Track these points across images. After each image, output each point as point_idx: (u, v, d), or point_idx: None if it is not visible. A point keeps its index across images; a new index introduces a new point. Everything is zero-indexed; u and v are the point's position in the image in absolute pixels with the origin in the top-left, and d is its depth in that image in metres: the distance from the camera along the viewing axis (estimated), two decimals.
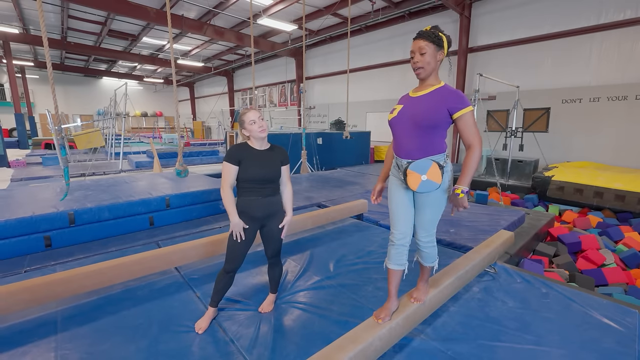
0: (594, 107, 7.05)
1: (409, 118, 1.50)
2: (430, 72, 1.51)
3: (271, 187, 1.80)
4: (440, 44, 1.48)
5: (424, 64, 1.48)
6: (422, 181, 1.45)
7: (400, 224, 1.58)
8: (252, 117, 1.75)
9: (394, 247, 1.60)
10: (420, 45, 1.47)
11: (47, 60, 3.08)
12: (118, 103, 9.67)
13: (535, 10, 7.62)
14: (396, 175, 1.61)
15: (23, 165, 8.27)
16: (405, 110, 1.53)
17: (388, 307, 1.57)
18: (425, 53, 1.47)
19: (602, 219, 4.87)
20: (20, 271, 2.42)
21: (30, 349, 1.60)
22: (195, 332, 1.74)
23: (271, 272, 1.97)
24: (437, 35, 1.47)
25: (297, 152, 7.13)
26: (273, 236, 1.86)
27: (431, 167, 1.45)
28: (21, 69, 16.84)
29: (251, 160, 1.76)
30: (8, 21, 11.45)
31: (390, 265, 1.61)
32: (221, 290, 1.82)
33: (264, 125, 1.77)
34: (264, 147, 1.81)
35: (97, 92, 22.36)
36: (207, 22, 10.76)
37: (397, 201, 1.60)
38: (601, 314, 1.97)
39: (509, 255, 2.96)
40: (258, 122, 1.76)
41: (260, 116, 1.78)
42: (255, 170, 1.76)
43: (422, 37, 1.47)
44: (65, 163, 3.26)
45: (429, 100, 1.48)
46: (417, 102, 1.51)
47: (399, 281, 1.63)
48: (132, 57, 15.23)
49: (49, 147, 12.20)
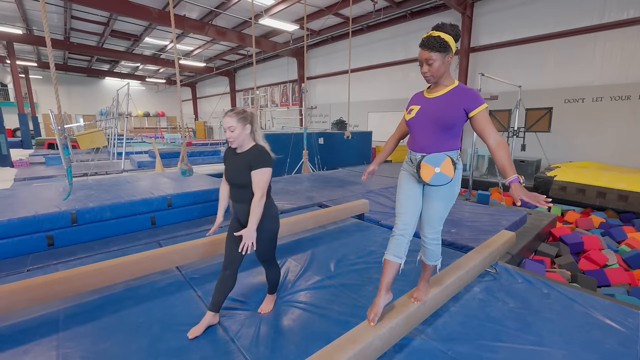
0: (597, 106, 7.01)
1: (428, 118, 1.51)
2: (441, 77, 1.51)
3: (241, 193, 1.71)
4: (447, 49, 1.46)
5: (434, 73, 1.48)
6: (435, 173, 1.48)
7: (406, 215, 1.59)
8: (225, 124, 1.67)
9: (394, 237, 1.60)
10: (427, 57, 1.46)
11: (50, 61, 3.09)
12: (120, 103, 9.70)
13: (537, 10, 7.59)
14: (408, 169, 1.63)
15: (26, 165, 8.31)
16: (424, 111, 1.54)
17: (377, 303, 1.53)
18: (432, 63, 1.46)
19: (604, 220, 4.85)
20: (22, 270, 2.43)
21: (32, 348, 1.61)
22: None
23: (266, 274, 1.95)
24: (442, 42, 1.44)
25: (299, 152, 7.13)
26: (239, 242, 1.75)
27: (445, 161, 1.48)
28: (24, 69, 16.96)
29: (228, 162, 1.75)
30: (12, 22, 11.52)
31: (388, 255, 1.59)
32: (218, 289, 1.75)
33: (233, 137, 1.66)
34: (242, 150, 1.73)
35: (99, 92, 22.46)
36: (209, 23, 10.78)
37: (406, 192, 1.61)
38: (603, 315, 1.96)
39: (510, 256, 2.95)
40: (228, 132, 1.66)
41: (231, 127, 1.65)
42: (227, 173, 1.75)
43: (428, 48, 1.45)
44: (68, 163, 3.27)
45: (446, 100, 1.50)
46: (435, 103, 1.52)
47: (392, 276, 1.59)
48: (135, 58, 15.29)
49: (52, 147, 12.26)
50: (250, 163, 1.66)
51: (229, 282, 1.77)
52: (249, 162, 1.67)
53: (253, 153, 1.70)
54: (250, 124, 1.71)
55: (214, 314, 1.77)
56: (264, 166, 1.66)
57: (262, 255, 1.83)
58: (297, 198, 4.56)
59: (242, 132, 1.68)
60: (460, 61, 8.83)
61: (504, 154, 1.46)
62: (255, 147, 1.72)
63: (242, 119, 1.68)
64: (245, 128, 1.69)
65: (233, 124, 1.66)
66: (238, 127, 1.66)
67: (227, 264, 1.77)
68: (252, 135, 1.76)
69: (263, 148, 1.73)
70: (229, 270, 1.76)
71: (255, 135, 1.77)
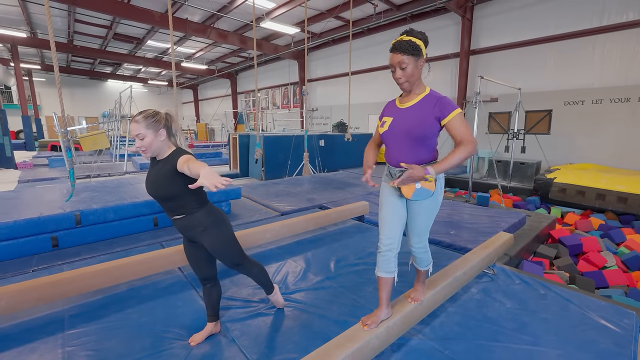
0: (596, 109, 7.04)
1: (401, 132, 1.48)
2: (415, 83, 1.48)
3: (174, 206, 1.47)
4: (419, 53, 1.42)
5: (408, 78, 1.45)
6: (417, 189, 1.46)
7: (390, 230, 1.57)
8: (132, 132, 1.40)
9: (381, 254, 1.58)
10: (399, 60, 1.42)
11: (54, 64, 3.16)
12: (123, 105, 9.79)
13: (538, 12, 7.63)
14: (389, 182, 1.59)
15: (30, 167, 8.39)
16: (396, 123, 1.51)
17: (377, 315, 1.54)
18: (406, 67, 1.42)
19: (604, 221, 4.86)
20: (28, 270, 2.48)
21: (38, 346, 1.65)
22: (196, 332, 1.78)
23: (251, 278, 1.78)
24: (414, 45, 1.40)
25: (300, 154, 7.18)
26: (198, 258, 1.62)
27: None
28: (28, 72, 17.09)
29: (149, 175, 1.48)
30: (16, 25, 11.65)
31: (379, 272, 1.60)
32: (207, 302, 1.70)
33: (144, 146, 1.40)
34: (162, 157, 1.46)
35: (102, 95, 22.63)
36: (210, 26, 10.87)
37: (389, 208, 1.58)
38: (599, 315, 1.99)
39: (508, 257, 2.98)
40: (137, 141, 1.40)
41: (140, 134, 1.38)
42: (147, 188, 1.47)
43: (400, 51, 1.41)
44: (71, 165, 3.33)
45: (417, 111, 1.47)
46: (406, 114, 1.49)
47: (389, 289, 1.60)
48: (137, 60, 15.40)
49: (55, 149, 12.36)
50: (174, 164, 1.39)
51: (213, 293, 1.70)
52: (172, 165, 1.39)
53: (173, 157, 1.42)
54: (164, 127, 1.44)
55: (214, 323, 1.75)
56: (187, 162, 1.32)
57: (232, 261, 1.66)
58: (298, 200, 4.59)
59: (154, 139, 1.41)
60: (460, 63, 8.87)
61: (457, 152, 1.38)
62: (178, 151, 1.46)
63: (152, 124, 1.40)
64: (159, 134, 1.42)
65: (142, 131, 1.38)
66: (149, 134, 1.39)
67: (202, 280, 1.68)
68: (172, 139, 1.50)
69: (183, 152, 1.46)
70: (209, 283, 1.69)
71: (176, 139, 1.51)
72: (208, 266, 1.67)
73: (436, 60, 9.65)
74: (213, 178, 1.14)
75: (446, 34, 9.30)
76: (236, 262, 1.68)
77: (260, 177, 7.31)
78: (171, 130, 1.49)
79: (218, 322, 1.78)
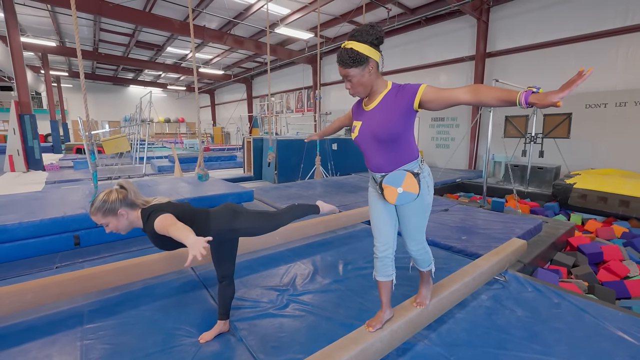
0: (620, 111, 6.76)
1: (371, 137, 1.42)
2: (370, 86, 1.40)
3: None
4: (363, 61, 1.32)
5: (356, 88, 1.40)
6: (399, 194, 1.41)
7: (383, 236, 1.56)
8: (96, 222, 1.45)
9: (378, 259, 1.58)
10: (344, 74, 1.37)
11: (80, 71, 3.35)
12: (143, 110, 10.16)
13: (556, 14, 7.43)
14: (374, 187, 1.57)
15: (57, 168, 8.82)
16: (365, 128, 1.44)
17: (380, 316, 1.56)
18: (352, 79, 1.37)
19: (627, 229, 4.65)
20: (52, 267, 2.62)
21: (59, 338, 1.75)
22: (206, 330, 1.84)
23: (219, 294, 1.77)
24: (354, 56, 1.32)
25: (312, 158, 7.24)
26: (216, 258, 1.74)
27: (406, 178, 1.40)
28: (57, 78, 18.00)
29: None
30: (47, 35, 12.34)
31: (378, 277, 1.60)
32: (219, 300, 1.77)
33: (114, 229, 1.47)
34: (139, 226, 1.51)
35: (124, 100, 23.56)
36: (227, 32, 11.16)
37: (378, 213, 1.57)
38: (615, 327, 1.92)
39: (522, 264, 2.90)
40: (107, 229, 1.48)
41: (103, 224, 1.44)
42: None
43: (341, 65, 1.36)
44: (94, 167, 3.50)
45: (381, 111, 1.39)
46: (372, 117, 1.42)
47: (389, 291, 1.61)
48: (157, 66, 15.98)
49: (80, 151, 12.93)
50: (153, 232, 1.42)
51: (227, 291, 1.76)
52: (152, 232, 1.43)
53: (150, 222, 1.42)
54: (122, 206, 1.43)
55: (224, 321, 1.79)
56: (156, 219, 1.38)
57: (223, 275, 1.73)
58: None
59: (119, 222, 1.43)
60: (476, 67, 8.73)
61: (485, 91, 1.21)
62: (146, 216, 1.45)
63: (108, 211, 1.40)
64: (119, 215, 1.42)
65: (102, 222, 1.41)
66: (110, 221, 1.42)
67: (219, 277, 1.76)
68: (136, 210, 1.49)
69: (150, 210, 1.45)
70: (225, 281, 1.75)
71: (136, 202, 1.49)
72: (227, 264, 1.77)
73: (451, 63, 9.53)
74: (199, 246, 1.18)
75: (461, 37, 9.18)
76: (225, 275, 1.76)
77: (273, 180, 7.41)
78: (130, 201, 1.47)
79: (227, 322, 1.82)
